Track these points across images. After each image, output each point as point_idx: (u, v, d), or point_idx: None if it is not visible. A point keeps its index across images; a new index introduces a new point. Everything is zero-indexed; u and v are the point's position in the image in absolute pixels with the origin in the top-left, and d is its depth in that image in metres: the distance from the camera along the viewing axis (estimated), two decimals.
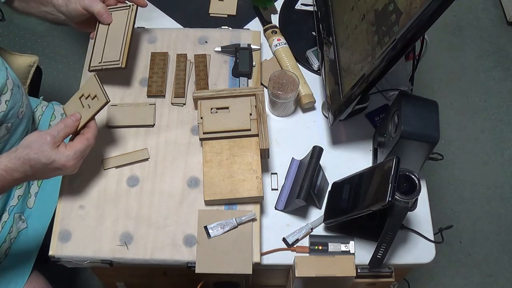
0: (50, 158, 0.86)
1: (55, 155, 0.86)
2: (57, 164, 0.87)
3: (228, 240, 0.94)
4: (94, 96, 0.92)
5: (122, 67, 1.02)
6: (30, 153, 0.86)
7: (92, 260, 0.95)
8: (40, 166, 0.86)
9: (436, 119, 0.93)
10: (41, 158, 0.86)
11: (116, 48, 1.03)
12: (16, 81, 1.05)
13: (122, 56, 1.02)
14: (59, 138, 0.88)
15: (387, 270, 0.99)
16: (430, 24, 0.76)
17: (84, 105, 0.92)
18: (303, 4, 1.29)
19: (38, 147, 0.86)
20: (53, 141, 0.87)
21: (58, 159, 0.86)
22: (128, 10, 1.07)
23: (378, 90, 1.17)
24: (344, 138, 1.12)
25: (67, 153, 0.87)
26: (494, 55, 2.17)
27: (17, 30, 2.11)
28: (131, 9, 1.07)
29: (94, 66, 1.04)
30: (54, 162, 0.86)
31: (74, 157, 0.88)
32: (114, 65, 1.02)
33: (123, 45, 1.03)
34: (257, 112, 1.00)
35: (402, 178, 0.89)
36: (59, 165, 0.87)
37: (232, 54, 1.14)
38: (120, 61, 1.02)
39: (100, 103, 0.91)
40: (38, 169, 0.87)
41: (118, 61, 1.02)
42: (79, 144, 0.89)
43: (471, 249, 1.79)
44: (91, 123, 0.92)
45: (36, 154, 0.86)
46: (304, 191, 0.96)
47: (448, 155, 1.93)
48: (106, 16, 1.04)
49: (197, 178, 1.01)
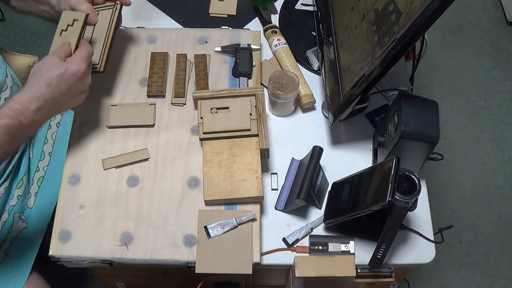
0: (62, 68, 0.86)
1: (67, 63, 0.86)
2: (71, 70, 0.86)
3: (228, 240, 0.94)
4: (73, 22, 0.92)
5: (101, 71, 0.98)
6: (43, 74, 0.85)
7: (92, 260, 0.95)
8: (57, 81, 0.85)
9: (436, 119, 0.93)
10: (55, 71, 0.85)
11: (97, 51, 1.00)
12: (15, 80, 1.05)
13: (100, 60, 0.98)
14: (62, 55, 0.88)
15: (387, 270, 0.99)
16: (430, 24, 0.76)
17: (67, 35, 0.92)
18: (303, 4, 1.29)
19: (47, 66, 0.86)
20: (59, 57, 0.87)
21: (70, 66, 0.86)
22: (112, 9, 1.03)
23: (378, 90, 1.17)
24: (344, 138, 1.12)
25: (76, 59, 0.88)
26: (494, 55, 2.18)
27: (17, 30, 2.11)
28: (115, 8, 1.03)
29: None
30: (68, 69, 0.86)
31: (83, 60, 0.88)
32: (94, 68, 0.97)
33: (103, 48, 1.00)
34: (257, 112, 1.00)
35: (402, 178, 0.89)
36: (74, 70, 0.86)
37: (232, 54, 1.14)
38: (99, 65, 0.98)
39: (81, 21, 0.92)
40: (55, 87, 0.85)
41: (97, 65, 0.98)
42: (83, 50, 0.90)
43: (471, 249, 1.80)
44: (81, 41, 0.92)
45: (47, 71, 0.85)
46: (304, 191, 0.96)
47: (448, 155, 1.93)
48: (91, 16, 1.01)
49: (197, 178, 1.01)
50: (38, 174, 1.18)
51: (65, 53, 0.89)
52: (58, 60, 0.86)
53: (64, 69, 0.85)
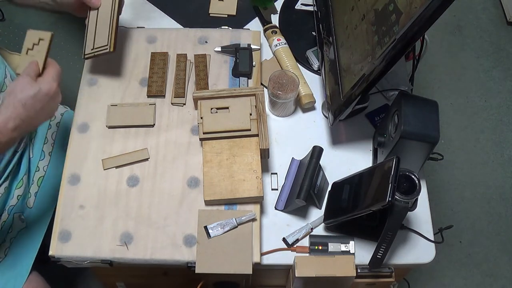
0: (35, 88, 0.89)
1: (39, 84, 0.90)
2: (44, 90, 0.90)
3: (228, 240, 0.94)
4: (38, 41, 0.94)
5: (111, 51, 1.02)
6: (17, 95, 0.89)
7: (92, 260, 0.95)
8: (31, 101, 0.89)
9: (436, 119, 0.93)
10: (29, 92, 0.89)
11: (105, 33, 1.04)
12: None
13: (109, 40, 1.03)
14: (33, 75, 0.92)
15: (387, 270, 0.99)
16: (430, 24, 0.76)
17: (34, 54, 0.94)
18: (303, 4, 1.29)
19: (21, 86, 0.89)
20: (31, 77, 0.91)
21: (43, 86, 0.90)
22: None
23: (378, 90, 1.17)
24: (344, 138, 1.12)
25: (47, 79, 0.91)
26: (494, 55, 2.17)
27: (17, 30, 2.11)
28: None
29: (88, 53, 1.05)
30: (41, 90, 0.90)
31: (54, 80, 0.92)
32: (104, 50, 1.03)
33: (110, 28, 1.03)
34: (257, 112, 1.00)
35: (402, 178, 0.89)
36: (47, 90, 0.90)
37: (232, 54, 1.14)
38: (108, 45, 1.02)
39: (47, 40, 0.94)
40: (30, 106, 0.89)
41: (106, 46, 1.03)
42: (52, 70, 0.94)
43: (471, 249, 1.79)
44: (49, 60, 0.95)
45: (21, 92, 0.89)
46: (304, 191, 0.96)
47: (448, 155, 1.93)
48: (94, 1, 1.05)
49: (197, 178, 1.01)
50: (38, 174, 1.18)
51: (35, 73, 0.93)
52: (30, 80, 0.90)
53: (37, 89, 0.89)
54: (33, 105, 0.89)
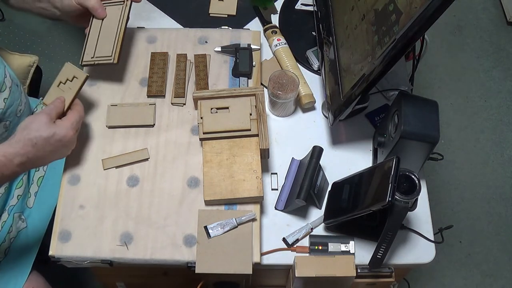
0: (50, 131, 0.89)
1: (55, 128, 0.90)
2: (58, 136, 0.89)
3: (228, 240, 0.94)
4: (72, 78, 0.94)
5: (114, 62, 1.02)
6: (31, 132, 0.88)
7: (92, 260, 0.95)
8: (43, 142, 0.88)
9: (436, 119, 0.93)
10: (42, 133, 0.88)
11: (109, 44, 1.03)
12: (14, 80, 1.05)
13: (114, 51, 1.02)
14: (54, 115, 0.92)
15: (387, 270, 0.99)
16: (430, 24, 0.76)
17: (64, 89, 0.94)
18: (303, 4, 1.29)
19: (37, 125, 0.89)
20: (50, 118, 0.90)
21: (59, 131, 0.90)
22: (122, 5, 1.07)
23: (378, 90, 1.17)
24: (344, 138, 1.12)
25: (65, 124, 0.91)
26: (494, 55, 2.17)
27: (17, 30, 2.11)
28: (125, 4, 1.07)
29: (87, 61, 1.04)
30: (56, 134, 0.89)
31: (72, 127, 0.92)
32: (107, 60, 1.02)
33: (116, 40, 1.03)
34: (257, 112, 1.00)
35: (402, 178, 0.89)
36: (61, 136, 0.90)
37: (232, 54, 1.14)
38: (112, 56, 1.02)
39: (80, 80, 0.94)
40: (40, 147, 0.88)
41: (110, 56, 1.02)
42: (73, 116, 0.93)
43: (471, 249, 1.79)
44: (76, 101, 0.95)
45: (36, 131, 0.88)
46: (304, 191, 0.96)
47: (448, 155, 1.93)
48: (100, 11, 1.04)
49: (197, 178, 1.01)
50: (38, 173, 1.18)
51: (57, 112, 0.93)
52: (48, 121, 0.90)
53: (52, 133, 0.89)
54: (44, 147, 0.89)
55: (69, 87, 0.94)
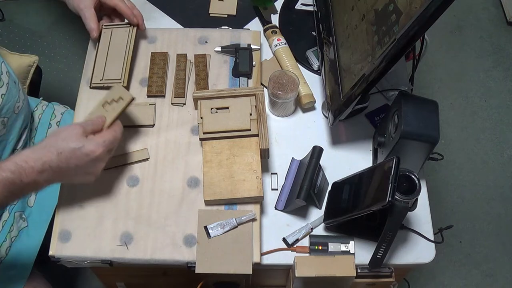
0: (79, 143, 0.84)
1: (85, 141, 0.85)
2: (86, 150, 0.84)
3: (228, 240, 0.94)
4: (118, 99, 0.92)
5: (124, 85, 1.05)
6: (58, 140, 0.84)
7: (92, 260, 0.95)
8: (68, 153, 0.83)
9: (436, 119, 0.93)
10: (70, 144, 0.83)
11: (117, 66, 1.07)
12: (12, 76, 1.05)
13: (123, 74, 1.06)
14: (88, 130, 0.87)
15: (387, 270, 0.99)
16: (430, 24, 0.76)
17: (108, 110, 0.92)
18: (303, 4, 1.29)
19: (67, 134, 0.84)
20: (83, 130, 0.86)
21: (88, 145, 0.85)
22: (128, 28, 1.11)
23: (378, 90, 1.17)
24: (344, 138, 1.12)
25: (96, 140, 0.86)
26: (494, 55, 2.18)
27: (17, 30, 2.11)
28: (131, 27, 1.11)
29: (96, 83, 1.08)
30: (84, 148, 0.84)
31: (103, 145, 0.86)
32: (116, 83, 1.05)
33: (124, 63, 1.07)
34: (257, 112, 1.00)
35: (402, 178, 0.89)
36: (88, 151, 0.84)
37: (232, 54, 1.14)
38: (122, 79, 1.06)
39: (125, 101, 0.92)
40: (64, 158, 0.83)
41: (119, 79, 1.06)
42: (108, 134, 0.88)
43: (471, 249, 1.80)
44: (116, 121, 0.92)
45: (64, 140, 0.84)
46: (304, 191, 0.96)
47: (448, 155, 1.93)
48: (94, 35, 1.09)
49: (197, 178, 1.01)
50: None
51: (93, 129, 0.88)
52: (80, 133, 0.85)
53: (80, 145, 0.84)
54: (68, 159, 0.83)
55: (113, 108, 0.91)
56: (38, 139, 1.20)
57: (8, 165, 0.81)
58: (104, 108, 0.92)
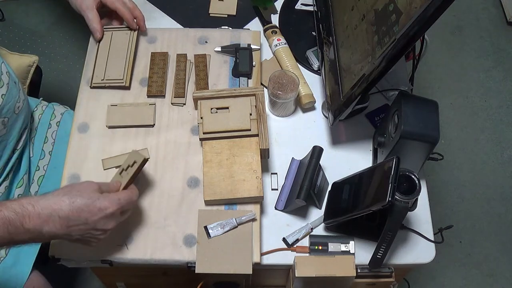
0: (93, 197, 0.82)
1: (100, 196, 0.83)
2: (100, 204, 0.82)
3: (228, 240, 0.94)
4: (133, 163, 0.91)
5: (126, 85, 1.08)
6: (72, 191, 0.82)
7: (92, 260, 0.95)
8: (81, 205, 0.81)
9: (436, 119, 0.93)
10: (84, 197, 0.81)
11: (119, 67, 1.09)
12: (12, 77, 1.05)
13: (125, 75, 1.08)
14: (104, 189, 0.86)
15: (387, 270, 0.99)
16: (430, 24, 0.76)
17: (123, 176, 0.91)
18: (303, 4, 1.29)
19: (82, 187, 0.83)
20: (98, 187, 0.84)
21: (102, 200, 0.83)
22: (129, 31, 1.13)
23: (378, 90, 1.17)
24: (344, 138, 1.12)
25: (112, 197, 0.84)
26: (494, 55, 2.18)
27: (17, 30, 2.11)
28: (132, 31, 1.13)
29: (97, 82, 1.08)
30: (97, 202, 0.82)
31: (118, 203, 0.84)
32: (118, 83, 1.08)
33: (126, 64, 1.09)
34: (257, 112, 1.00)
35: (402, 178, 0.89)
36: (102, 206, 0.82)
37: (232, 54, 1.14)
38: (124, 79, 1.08)
39: (138, 163, 0.90)
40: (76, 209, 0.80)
41: (121, 79, 1.08)
42: (122, 193, 0.87)
43: (471, 249, 1.80)
44: (131, 185, 0.91)
45: (78, 191, 0.82)
46: (304, 191, 0.96)
47: (448, 155, 1.93)
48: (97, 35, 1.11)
49: (197, 178, 1.01)
50: (38, 173, 1.18)
51: (108, 190, 0.87)
52: (95, 189, 0.84)
53: (93, 199, 0.82)
54: (80, 211, 0.81)
55: (127, 172, 0.91)
56: (38, 139, 1.20)
57: (12, 205, 0.78)
58: (120, 175, 0.91)
